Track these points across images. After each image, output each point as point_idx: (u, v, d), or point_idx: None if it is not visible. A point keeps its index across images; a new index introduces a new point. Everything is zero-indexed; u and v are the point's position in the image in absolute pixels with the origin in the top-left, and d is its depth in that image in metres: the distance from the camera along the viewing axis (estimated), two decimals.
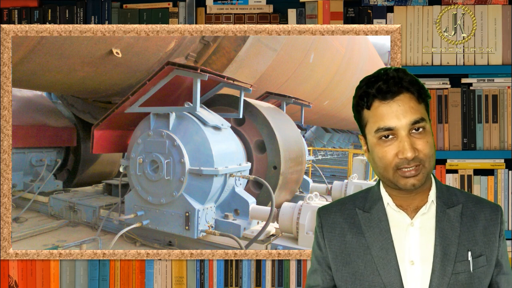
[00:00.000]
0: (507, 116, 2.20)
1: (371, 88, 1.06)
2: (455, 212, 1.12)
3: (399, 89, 1.05)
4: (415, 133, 1.04)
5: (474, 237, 1.11)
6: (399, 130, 1.04)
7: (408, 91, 1.05)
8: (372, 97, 1.06)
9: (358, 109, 1.11)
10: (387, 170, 1.07)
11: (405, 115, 1.03)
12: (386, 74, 1.06)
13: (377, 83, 1.05)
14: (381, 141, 1.06)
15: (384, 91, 1.05)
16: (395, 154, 1.04)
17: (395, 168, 1.05)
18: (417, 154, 1.04)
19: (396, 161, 1.05)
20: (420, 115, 1.05)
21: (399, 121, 1.03)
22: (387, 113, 1.04)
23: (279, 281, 2.22)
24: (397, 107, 1.04)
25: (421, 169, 1.05)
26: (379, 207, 1.14)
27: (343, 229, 1.16)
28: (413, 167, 1.04)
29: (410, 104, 1.04)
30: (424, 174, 1.06)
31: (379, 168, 1.09)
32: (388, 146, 1.05)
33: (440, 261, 1.08)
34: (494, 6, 2.21)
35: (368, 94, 1.07)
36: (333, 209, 1.21)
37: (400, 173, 1.05)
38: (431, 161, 1.06)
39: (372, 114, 1.07)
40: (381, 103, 1.05)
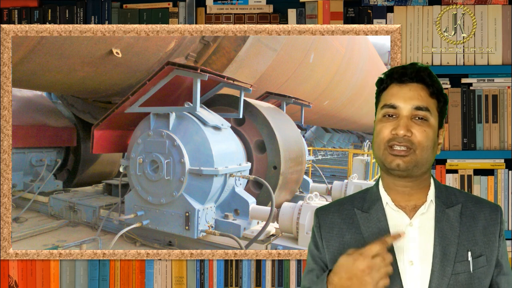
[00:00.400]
0: (507, 116, 2.20)
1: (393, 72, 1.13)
2: (454, 212, 1.12)
3: (415, 77, 1.11)
4: (416, 120, 1.09)
5: (474, 237, 1.11)
6: (402, 110, 1.09)
7: (424, 83, 1.11)
8: (391, 80, 1.13)
9: (378, 92, 1.17)
10: (380, 146, 1.10)
11: (412, 99, 1.09)
12: (412, 65, 1.13)
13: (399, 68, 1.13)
14: (384, 118, 1.11)
15: (401, 74, 1.11)
16: (390, 131, 1.09)
17: (386, 144, 1.09)
18: (410, 136, 1.07)
19: (389, 136, 1.08)
20: (426, 104, 1.09)
21: (404, 102, 1.09)
22: (396, 93, 1.11)
23: (279, 281, 2.22)
24: (407, 91, 1.10)
25: (410, 154, 1.07)
26: (378, 207, 1.14)
27: (341, 230, 1.16)
28: (403, 147, 1.07)
29: (420, 93, 1.10)
30: (413, 160, 1.07)
31: (374, 145, 1.13)
32: (387, 122, 1.10)
33: (440, 261, 1.08)
34: (494, 6, 2.21)
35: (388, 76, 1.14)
36: (331, 209, 1.20)
37: (390, 150, 1.08)
38: (423, 152, 1.08)
39: (385, 94, 1.13)
40: (396, 85, 1.12)
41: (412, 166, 1.08)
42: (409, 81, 1.11)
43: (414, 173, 1.10)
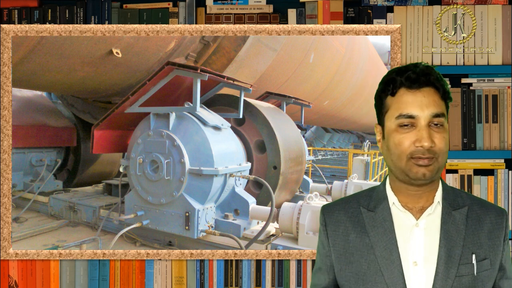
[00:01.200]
0: (507, 116, 2.20)
1: (400, 75, 1.09)
2: (460, 214, 1.12)
3: (427, 82, 1.07)
4: (433, 127, 1.07)
5: (479, 240, 1.11)
6: (420, 119, 1.06)
7: (434, 86, 1.08)
8: (400, 84, 1.09)
9: (382, 95, 1.13)
10: (401, 158, 1.08)
11: (428, 106, 1.06)
12: (416, 66, 1.09)
13: (407, 72, 1.08)
14: (400, 128, 1.07)
15: (412, 80, 1.07)
16: (412, 142, 1.06)
17: (409, 156, 1.06)
18: (433, 146, 1.05)
19: (412, 149, 1.06)
20: (441, 110, 1.07)
21: (422, 111, 1.06)
22: (411, 101, 1.07)
23: (279, 281, 2.22)
24: (422, 97, 1.07)
25: (434, 162, 1.06)
26: (384, 206, 1.14)
27: (347, 228, 1.16)
28: (427, 158, 1.06)
29: (434, 98, 1.07)
30: (436, 168, 1.07)
31: (393, 156, 1.09)
32: (406, 133, 1.07)
33: (444, 263, 1.08)
34: (494, 6, 2.21)
35: (395, 81, 1.09)
36: (337, 207, 1.20)
37: (414, 161, 1.06)
38: (443, 158, 1.08)
39: (395, 101, 1.09)
40: (407, 91, 1.08)
41: (436, 173, 1.08)
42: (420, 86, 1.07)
43: (434, 178, 1.10)
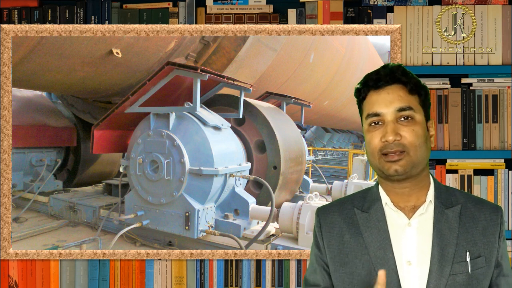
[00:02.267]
0: (507, 116, 2.20)
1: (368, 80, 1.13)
2: (453, 212, 1.12)
3: (391, 80, 1.11)
4: (402, 121, 1.09)
5: (473, 238, 1.11)
6: (386, 115, 1.09)
7: (400, 82, 1.11)
8: (367, 87, 1.13)
9: (358, 102, 1.17)
10: (374, 155, 1.11)
11: (392, 102, 1.09)
12: (383, 68, 1.13)
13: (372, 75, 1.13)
14: (370, 127, 1.11)
15: (376, 80, 1.12)
16: (380, 139, 1.09)
17: (379, 153, 1.09)
18: (400, 140, 1.07)
19: (380, 145, 1.09)
20: (408, 103, 1.09)
21: (386, 107, 1.09)
22: (376, 100, 1.11)
23: (279, 281, 2.22)
24: (386, 95, 1.10)
25: (404, 156, 1.08)
26: (378, 207, 1.15)
27: (341, 229, 1.16)
28: (396, 153, 1.07)
29: (399, 93, 1.10)
30: (409, 162, 1.08)
31: (368, 155, 1.13)
32: (375, 131, 1.10)
33: (438, 261, 1.08)
34: (494, 6, 2.21)
35: (364, 85, 1.14)
36: (332, 209, 1.21)
37: (384, 158, 1.09)
38: (417, 151, 1.08)
39: (365, 103, 1.14)
40: (373, 92, 1.12)
41: (410, 168, 1.09)
42: (385, 84, 1.11)
43: (413, 173, 1.10)
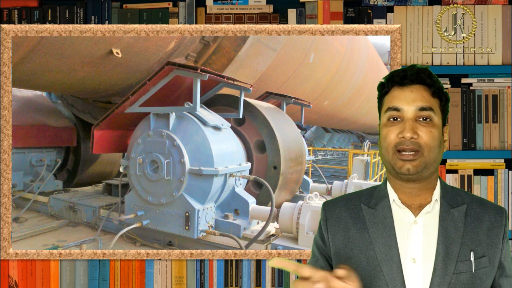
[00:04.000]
0: (507, 116, 2.20)
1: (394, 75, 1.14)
2: (459, 212, 1.13)
3: (416, 79, 1.12)
4: (421, 121, 1.09)
5: (478, 238, 1.12)
6: (406, 112, 1.10)
7: (424, 84, 1.12)
8: (392, 83, 1.14)
9: (380, 96, 1.18)
10: (388, 150, 1.11)
11: (414, 100, 1.10)
12: (411, 67, 1.14)
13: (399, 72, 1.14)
14: (389, 122, 1.12)
15: (402, 77, 1.12)
16: (397, 134, 1.09)
17: (394, 148, 1.09)
18: (417, 138, 1.08)
19: (396, 140, 1.09)
20: (429, 104, 1.10)
21: (408, 104, 1.10)
22: (399, 96, 1.12)
23: (279, 281, 2.22)
24: (409, 93, 1.11)
25: (419, 156, 1.08)
26: (385, 204, 1.15)
27: (347, 224, 1.17)
28: (411, 152, 1.08)
29: (422, 94, 1.11)
30: (421, 163, 1.08)
31: (382, 149, 1.13)
32: (393, 126, 1.11)
33: (442, 260, 1.09)
34: (494, 6, 2.21)
35: (389, 80, 1.15)
36: (339, 203, 1.22)
37: (398, 155, 1.09)
38: (431, 153, 1.09)
39: (387, 97, 1.14)
40: (397, 88, 1.13)
41: (422, 169, 1.09)
42: (410, 83, 1.12)
43: (423, 175, 1.11)
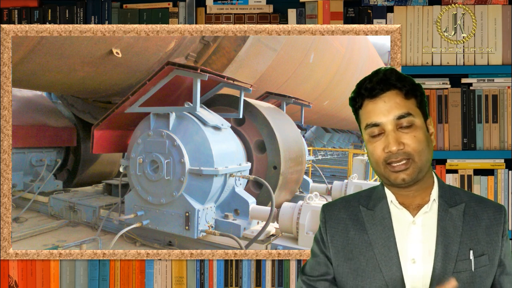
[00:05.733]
0: (507, 116, 2.20)
1: (361, 88, 1.11)
2: (457, 211, 1.13)
3: (385, 87, 1.08)
4: (402, 128, 1.07)
5: (477, 236, 1.12)
6: (385, 125, 1.07)
7: (395, 88, 1.08)
8: (362, 97, 1.11)
9: (354, 111, 1.15)
10: (378, 165, 1.10)
11: (390, 110, 1.07)
12: (376, 74, 1.10)
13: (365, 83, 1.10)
14: (371, 138, 1.10)
15: (370, 89, 1.09)
16: (382, 149, 1.08)
17: (384, 163, 1.08)
18: (403, 148, 1.06)
19: (384, 155, 1.08)
20: (406, 110, 1.07)
21: (385, 116, 1.07)
22: (373, 109, 1.08)
23: (279, 281, 2.22)
24: (382, 104, 1.08)
25: (410, 164, 1.07)
26: (383, 205, 1.15)
27: (346, 225, 1.17)
28: (402, 161, 1.07)
29: (396, 100, 1.08)
30: (415, 169, 1.08)
31: (372, 164, 1.12)
32: (376, 141, 1.09)
33: (441, 259, 1.09)
34: (494, 6, 2.21)
35: (359, 94, 1.11)
36: (337, 205, 1.22)
37: (390, 168, 1.08)
38: (421, 156, 1.07)
39: (362, 113, 1.12)
40: (369, 101, 1.10)
41: (416, 174, 1.08)
42: (380, 92, 1.08)
43: (418, 178, 1.10)
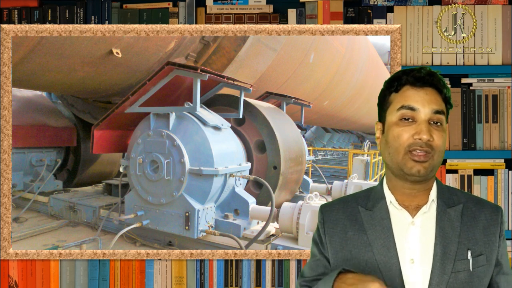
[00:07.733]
0: (507, 116, 2.20)
1: (406, 74, 1.13)
2: (455, 211, 1.14)
3: (430, 82, 1.11)
4: (433, 124, 1.09)
5: (474, 237, 1.13)
6: (421, 113, 1.09)
7: (436, 88, 1.11)
8: (405, 81, 1.12)
9: (386, 93, 1.16)
10: (398, 150, 1.10)
11: (430, 102, 1.09)
12: (423, 68, 1.13)
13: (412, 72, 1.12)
14: (400, 121, 1.10)
15: (417, 78, 1.11)
16: (411, 135, 1.08)
17: (407, 149, 1.09)
18: (431, 141, 1.08)
19: (410, 141, 1.08)
20: (442, 108, 1.10)
21: (423, 106, 1.09)
22: (413, 95, 1.10)
23: (279, 281, 2.22)
24: (424, 95, 1.10)
25: (430, 158, 1.08)
26: (382, 205, 1.16)
27: (345, 226, 1.17)
28: (424, 152, 1.08)
29: (435, 97, 1.11)
30: (431, 166, 1.09)
31: (391, 149, 1.11)
32: (406, 126, 1.10)
33: (440, 259, 1.09)
34: (494, 6, 2.21)
35: (400, 78, 1.13)
36: (336, 206, 1.22)
37: (410, 155, 1.09)
38: (439, 156, 1.10)
39: (399, 95, 1.12)
40: (411, 88, 1.12)
41: (430, 171, 1.10)
42: (423, 85, 1.11)
43: (429, 176, 1.12)
